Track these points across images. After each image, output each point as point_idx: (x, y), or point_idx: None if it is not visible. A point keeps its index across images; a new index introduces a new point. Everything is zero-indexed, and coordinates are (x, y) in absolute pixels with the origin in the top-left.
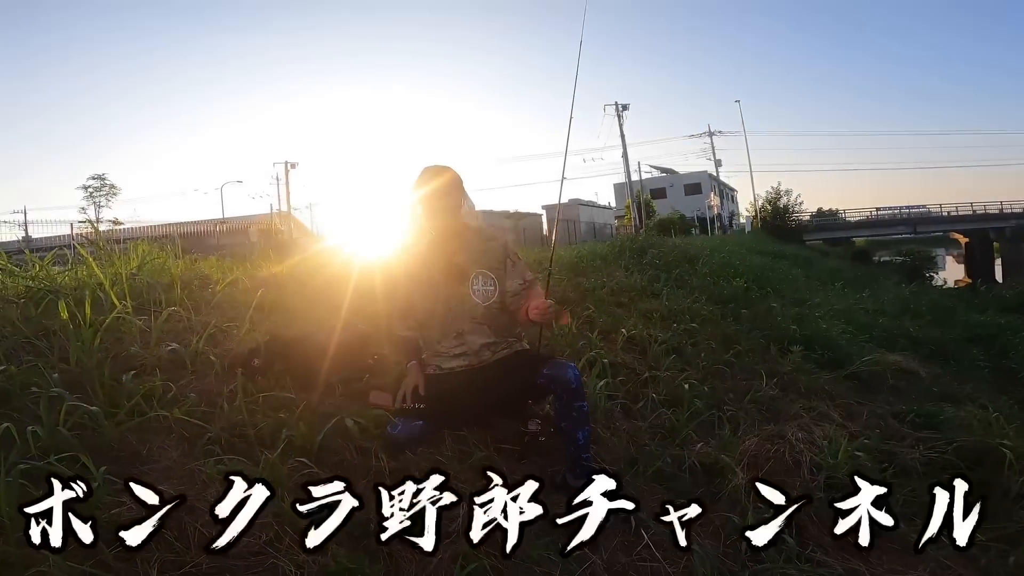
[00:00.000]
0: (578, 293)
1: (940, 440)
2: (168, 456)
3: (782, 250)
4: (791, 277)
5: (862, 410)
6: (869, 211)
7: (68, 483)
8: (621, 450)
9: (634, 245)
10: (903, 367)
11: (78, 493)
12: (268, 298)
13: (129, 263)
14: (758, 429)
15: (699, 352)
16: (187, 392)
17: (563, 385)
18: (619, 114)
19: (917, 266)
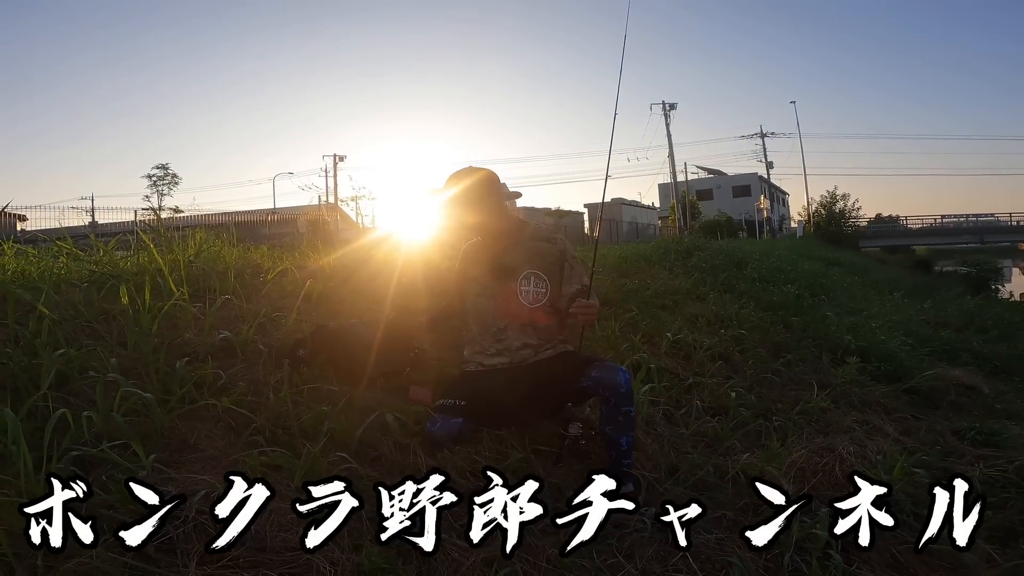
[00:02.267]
0: (621, 294)
1: (1001, 459)
2: (214, 445)
3: (836, 256)
4: (846, 285)
5: (920, 425)
6: (933, 218)
7: (68, 483)
8: (662, 457)
9: (679, 247)
10: (965, 382)
11: (78, 493)
12: (315, 289)
13: (187, 250)
14: (807, 441)
15: (747, 359)
16: (236, 381)
17: (612, 388)
18: (666, 113)
19: (982, 277)
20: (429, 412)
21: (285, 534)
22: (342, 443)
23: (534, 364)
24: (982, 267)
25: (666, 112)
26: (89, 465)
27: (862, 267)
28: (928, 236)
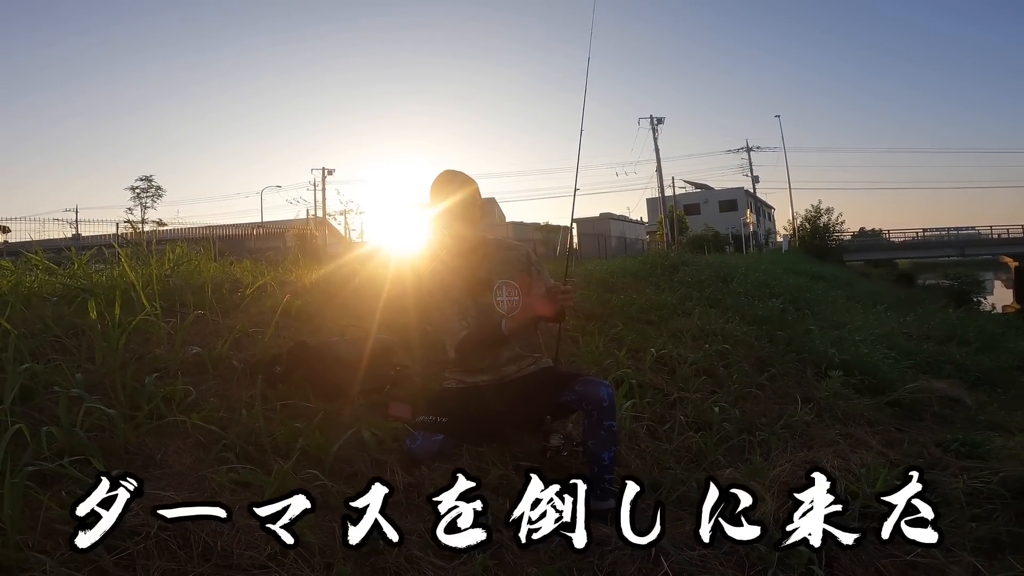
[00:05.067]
0: (607, 309)
1: (985, 470)
2: (182, 462)
3: (820, 270)
4: (830, 299)
5: (903, 438)
6: (915, 232)
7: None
8: (645, 472)
9: (666, 262)
10: (948, 394)
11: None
12: (295, 304)
13: (163, 265)
14: (791, 455)
15: (731, 374)
16: (207, 397)
17: (595, 403)
18: (654, 127)
19: (964, 290)
20: (408, 429)
21: (251, 552)
22: (316, 460)
23: (517, 380)
24: (964, 280)
25: (654, 126)
26: (49, 481)
27: (846, 281)
28: (910, 250)
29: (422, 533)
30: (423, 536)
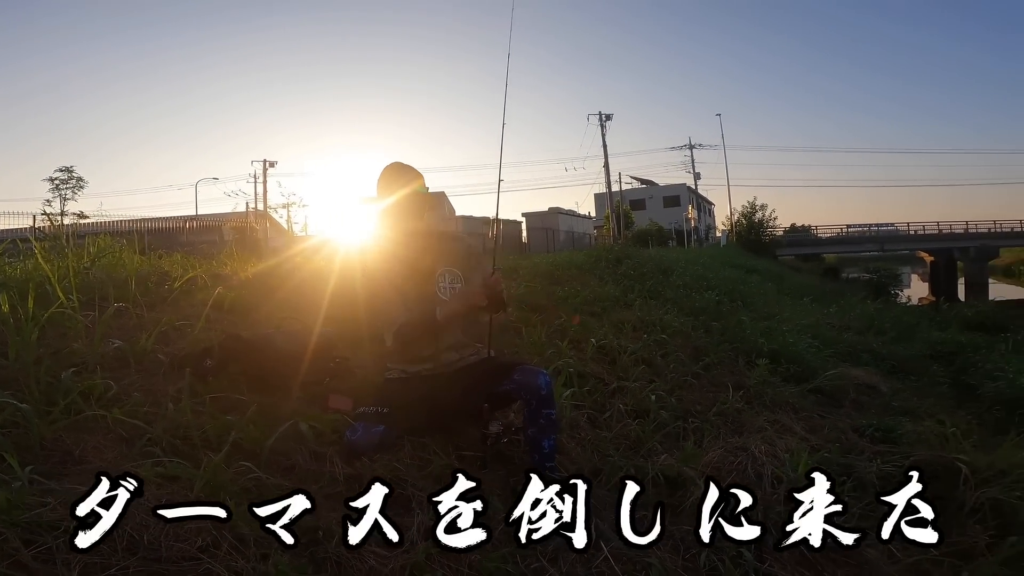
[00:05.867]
0: (551, 301)
1: (897, 454)
2: (103, 457)
3: (755, 264)
4: (762, 291)
5: (824, 423)
6: (840, 228)
7: None
8: (585, 460)
9: (610, 255)
10: (865, 382)
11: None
12: (229, 297)
13: (82, 257)
14: (723, 441)
15: (668, 363)
16: (130, 391)
17: (533, 391)
18: (602, 124)
19: (883, 283)
20: (349, 421)
21: (181, 544)
22: (251, 453)
23: (458, 370)
24: (882, 274)
25: (602, 123)
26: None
27: (777, 274)
28: (836, 245)
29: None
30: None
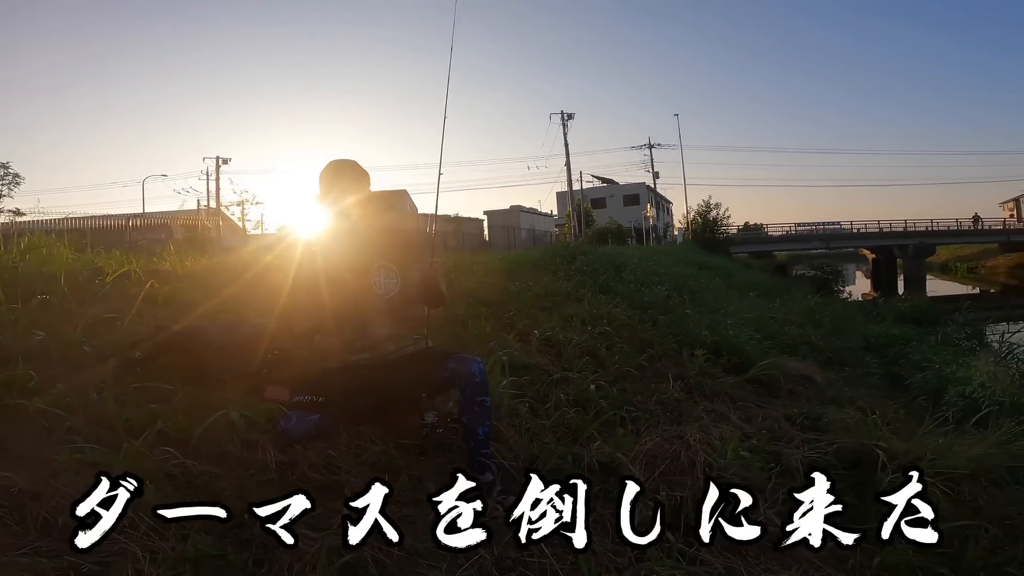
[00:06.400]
0: (504, 296)
1: (823, 442)
2: (21, 445)
3: (708, 261)
4: (711, 287)
5: (759, 413)
6: (789, 226)
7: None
8: (523, 448)
9: (565, 252)
10: (801, 372)
11: None
12: (164, 292)
13: (11, 252)
14: (660, 430)
15: (613, 355)
16: (53, 382)
17: (467, 378)
18: (564, 123)
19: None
20: (284, 411)
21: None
22: (178, 442)
23: (394, 359)
24: (825, 270)
25: (564, 122)
26: None
27: (729, 271)
28: (786, 242)
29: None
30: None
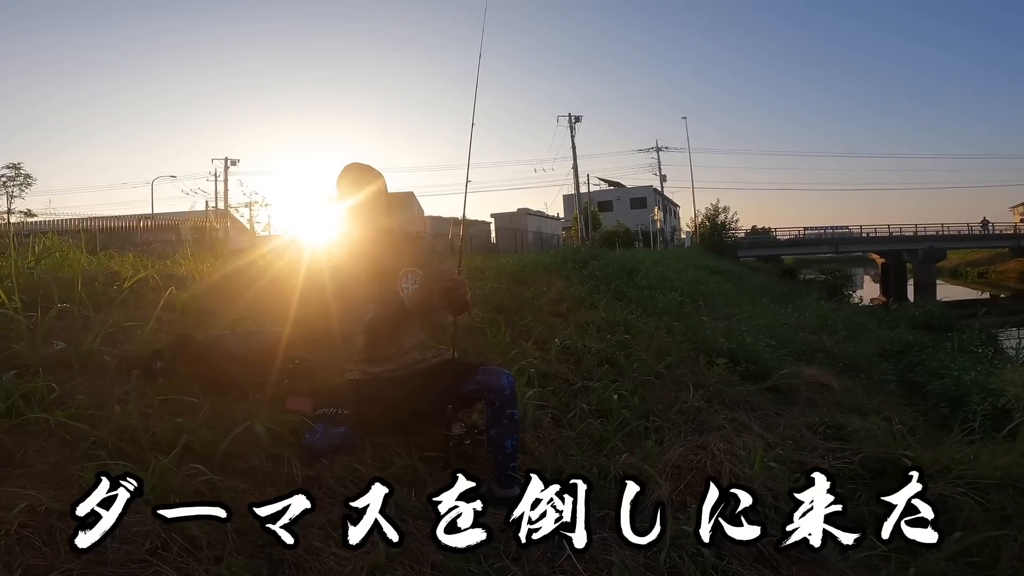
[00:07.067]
0: (517, 302)
1: (847, 451)
2: (45, 460)
3: (717, 265)
4: (723, 292)
5: (780, 421)
6: (798, 230)
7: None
8: (548, 460)
9: (576, 256)
10: (819, 380)
11: None
12: (182, 299)
13: (26, 257)
14: (683, 440)
15: (632, 363)
16: (74, 394)
17: (496, 391)
18: (571, 125)
19: (836, 284)
20: (308, 423)
21: (128, 547)
22: (204, 456)
23: (421, 370)
24: (836, 275)
25: (571, 124)
26: None
27: (738, 275)
28: (794, 247)
29: (323, 525)
30: (324, 527)
